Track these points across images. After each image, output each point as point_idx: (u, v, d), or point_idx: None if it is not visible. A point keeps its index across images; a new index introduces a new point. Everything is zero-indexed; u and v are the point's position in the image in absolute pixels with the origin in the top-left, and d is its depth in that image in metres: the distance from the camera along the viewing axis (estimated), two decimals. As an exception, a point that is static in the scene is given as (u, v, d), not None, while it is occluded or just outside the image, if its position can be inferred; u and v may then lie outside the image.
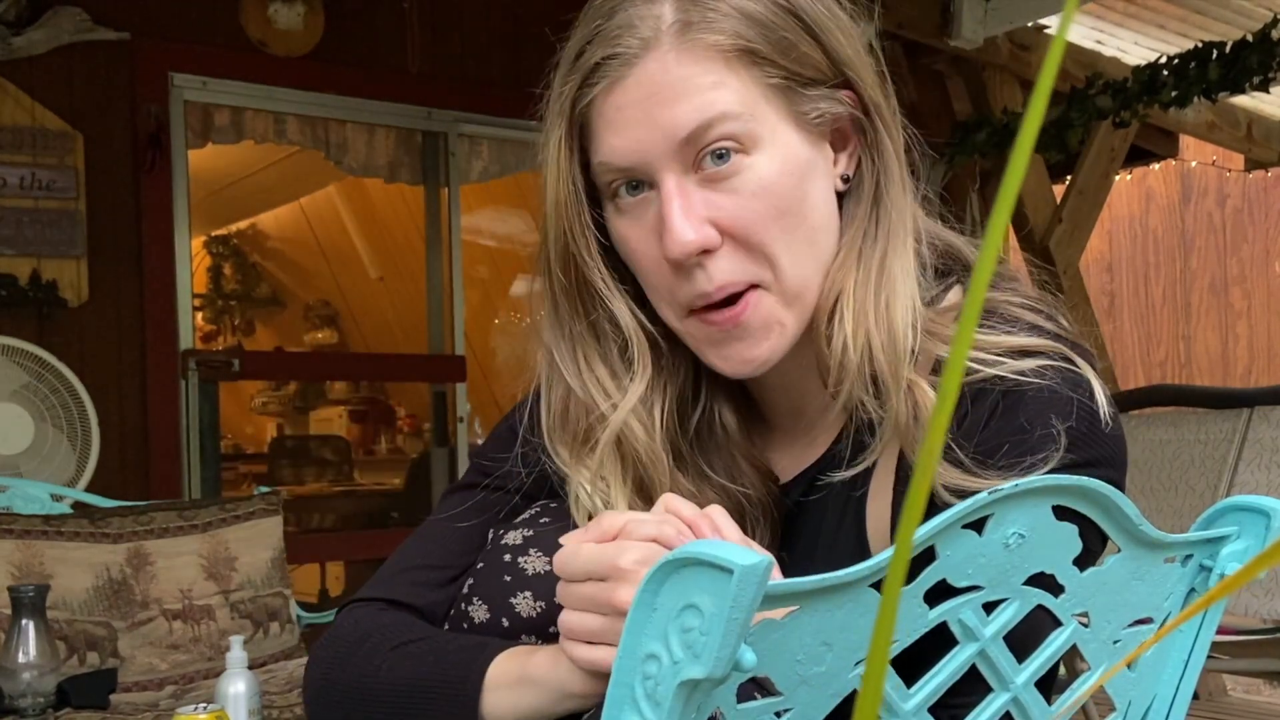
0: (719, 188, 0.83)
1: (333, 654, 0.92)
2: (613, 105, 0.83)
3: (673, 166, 0.82)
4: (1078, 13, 4.21)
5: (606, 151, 0.84)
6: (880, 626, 0.22)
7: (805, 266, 0.85)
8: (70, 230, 3.55)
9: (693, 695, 0.60)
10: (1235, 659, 2.74)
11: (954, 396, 0.25)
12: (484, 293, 5.95)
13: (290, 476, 5.99)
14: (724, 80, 0.82)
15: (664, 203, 0.82)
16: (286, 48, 3.91)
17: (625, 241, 0.87)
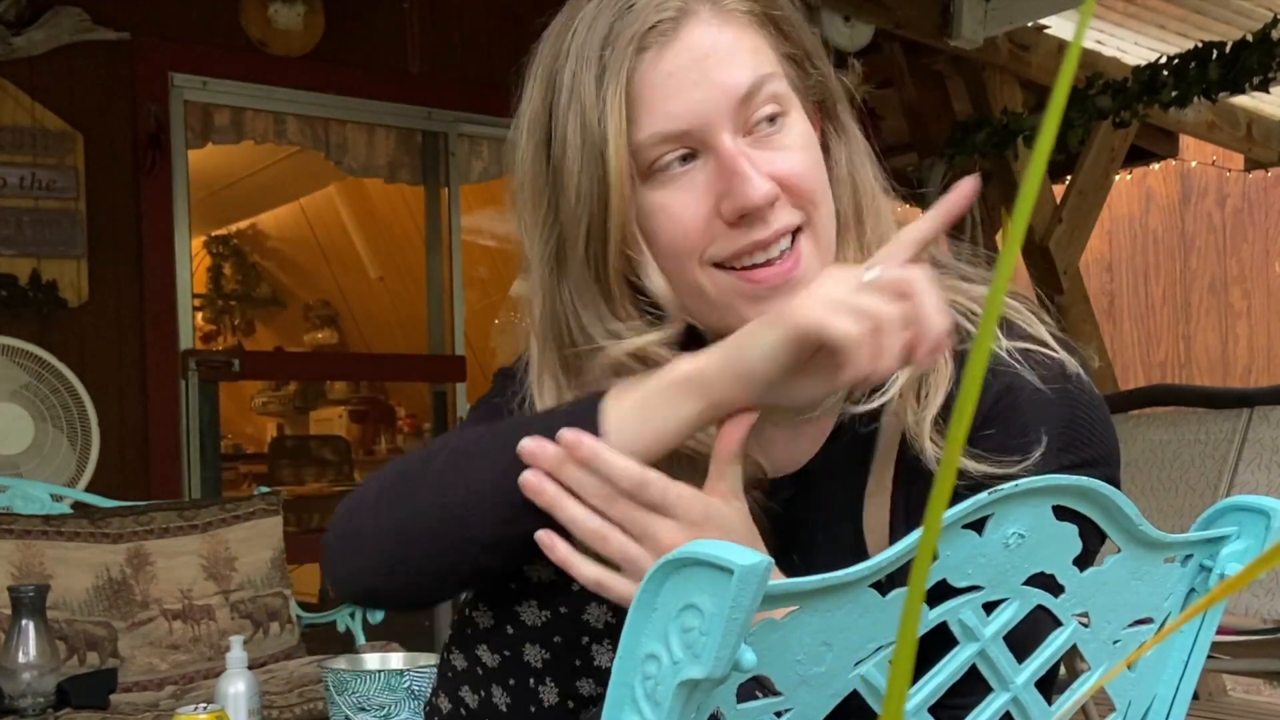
0: (769, 145, 0.86)
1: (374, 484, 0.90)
2: (663, 73, 0.84)
3: (728, 127, 0.84)
4: (1077, 12, 4.21)
5: (661, 119, 0.84)
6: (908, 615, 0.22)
7: (831, 220, 0.90)
8: (70, 230, 3.55)
9: (693, 695, 0.60)
10: (1235, 659, 2.74)
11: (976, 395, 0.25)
12: (484, 293, 5.95)
13: (290, 476, 5.99)
14: (760, 44, 0.87)
15: (730, 158, 0.84)
16: (286, 48, 3.91)
17: (663, 210, 0.86)
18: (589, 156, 0.85)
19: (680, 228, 0.86)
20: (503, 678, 0.91)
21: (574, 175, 0.86)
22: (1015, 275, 0.96)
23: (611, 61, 0.84)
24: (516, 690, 0.92)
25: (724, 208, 0.84)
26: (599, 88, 0.84)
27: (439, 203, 4.43)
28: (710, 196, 0.85)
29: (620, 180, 0.84)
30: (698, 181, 0.85)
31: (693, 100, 0.84)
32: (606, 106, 0.84)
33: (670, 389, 0.80)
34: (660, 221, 0.87)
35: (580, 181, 0.85)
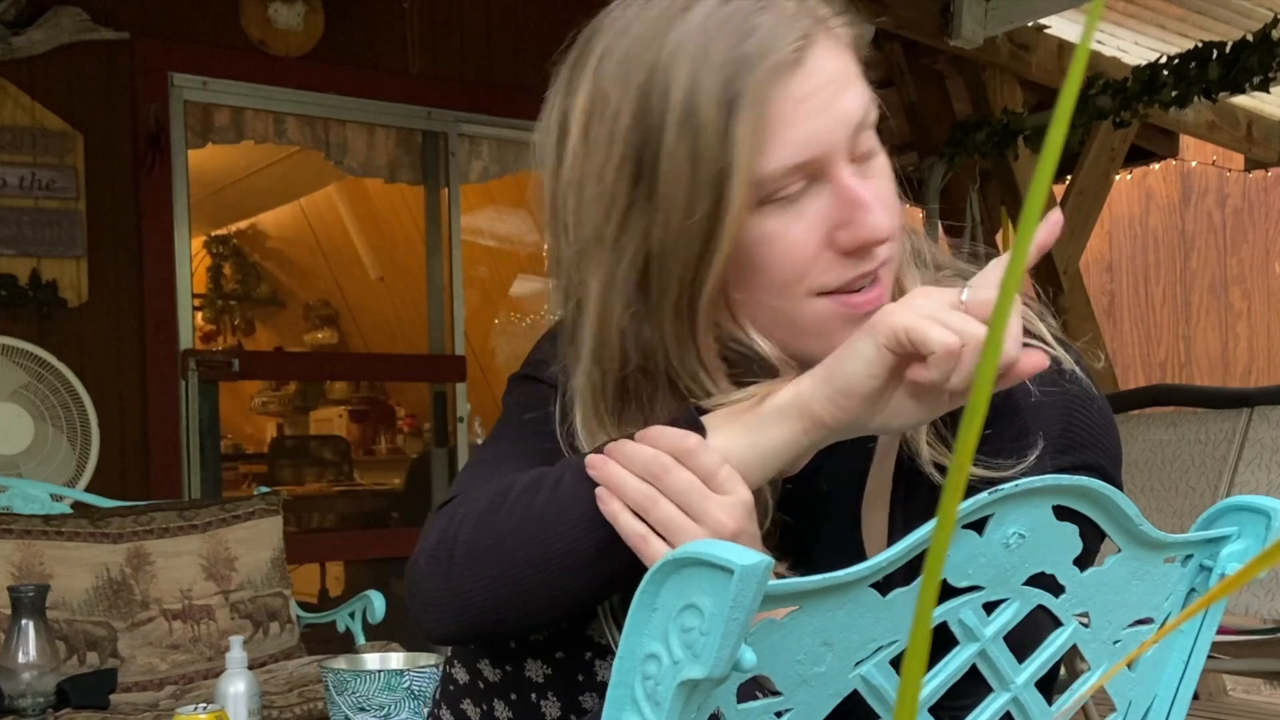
0: (868, 174, 0.85)
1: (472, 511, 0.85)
2: (793, 100, 0.81)
3: (844, 155, 0.83)
4: (1077, 12, 4.21)
5: (790, 148, 0.81)
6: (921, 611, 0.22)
7: None
8: (70, 230, 3.55)
9: (693, 695, 0.60)
10: (1235, 659, 2.74)
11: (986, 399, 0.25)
12: (484, 293, 5.95)
13: (290, 476, 5.99)
14: (859, 71, 0.86)
15: (851, 190, 0.82)
16: (286, 48, 3.91)
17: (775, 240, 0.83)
18: (704, 184, 0.80)
19: (792, 257, 0.83)
20: (504, 692, 0.91)
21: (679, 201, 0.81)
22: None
23: (746, 89, 0.79)
24: (518, 705, 0.91)
25: (841, 238, 0.82)
26: (728, 115, 0.79)
27: (439, 203, 4.43)
28: (823, 225, 0.83)
29: (740, 211, 0.81)
30: (809, 210, 0.83)
31: (818, 128, 0.81)
32: (736, 136, 0.80)
33: (774, 415, 0.79)
34: (770, 251, 0.83)
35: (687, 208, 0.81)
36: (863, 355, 0.75)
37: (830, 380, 0.77)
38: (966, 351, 0.73)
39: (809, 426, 0.78)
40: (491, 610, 0.82)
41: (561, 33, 0.89)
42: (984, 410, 0.24)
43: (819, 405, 0.77)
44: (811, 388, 0.78)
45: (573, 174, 0.85)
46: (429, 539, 0.86)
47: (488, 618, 0.83)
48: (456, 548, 0.83)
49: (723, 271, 0.82)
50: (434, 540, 0.85)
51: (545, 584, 0.81)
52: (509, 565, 0.81)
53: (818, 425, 0.78)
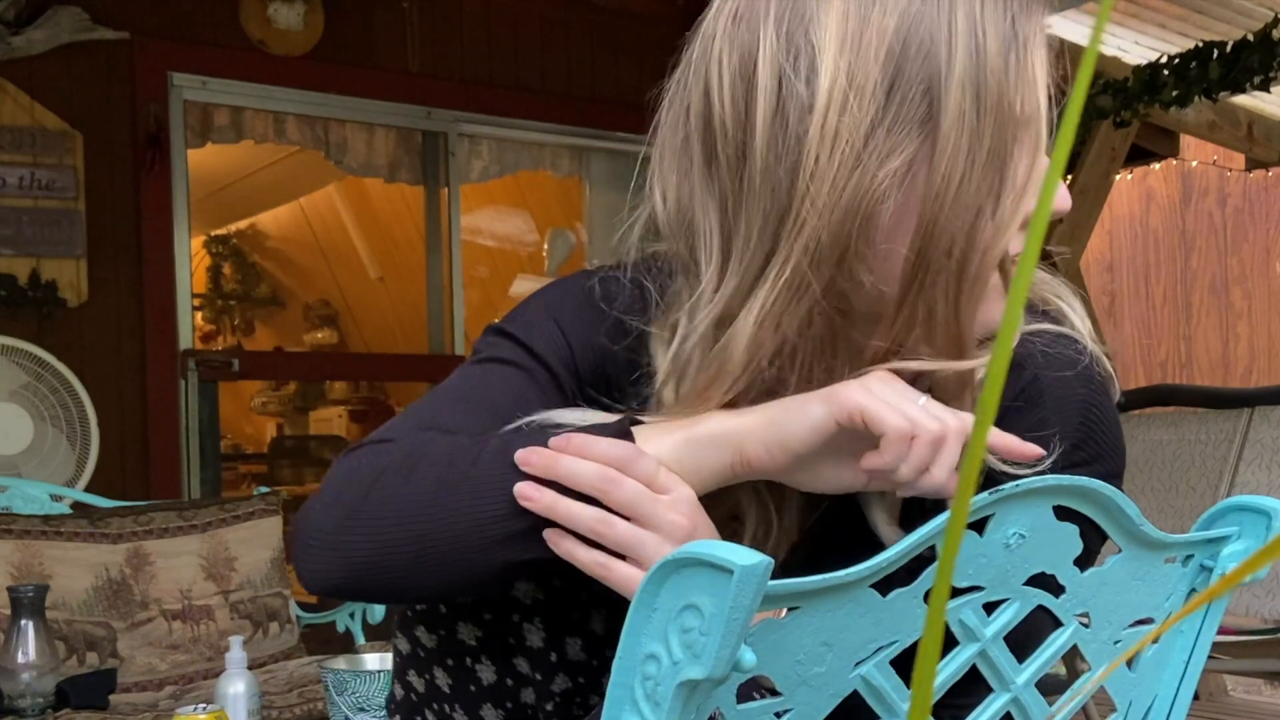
0: None
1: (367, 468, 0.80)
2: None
3: None
4: (1077, 12, 4.21)
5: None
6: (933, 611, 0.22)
7: None
8: (70, 230, 3.55)
9: (693, 695, 0.60)
10: (1236, 659, 2.74)
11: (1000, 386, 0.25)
12: (484, 293, 5.95)
13: (290, 476, 5.99)
14: None
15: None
16: (286, 47, 3.91)
17: None
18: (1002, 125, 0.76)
19: None
20: (441, 659, 0.91)
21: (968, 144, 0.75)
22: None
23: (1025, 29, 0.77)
24: (455, 670, 0.91)
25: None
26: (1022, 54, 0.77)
27: (439, 203, 4.43)
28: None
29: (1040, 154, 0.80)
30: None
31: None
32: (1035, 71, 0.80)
33: (707, 440, 0.77)
34: None
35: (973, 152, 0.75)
36: (810, 418, 0.75)
37: (772, 427, 0.76)
38: (917, 444, 0.73)
39: (737, 462, 0.77)
40: (375, 574, 0.79)
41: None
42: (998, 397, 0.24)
43: (753, 447, 0.77)
44: (751, 427, 0.77)
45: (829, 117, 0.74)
46: (329, 486, 0.81)
47: (369, 581, 0.79)
48: (355, 503, 0.79)
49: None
50: (334, 488, 0.80)
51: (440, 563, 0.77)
52: (403, 535, 0.77)
53: (745, 463, 0.77)
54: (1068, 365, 0.82)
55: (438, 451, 0.79)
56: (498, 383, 0.89)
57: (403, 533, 0.77)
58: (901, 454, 0.73)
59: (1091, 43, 0.24)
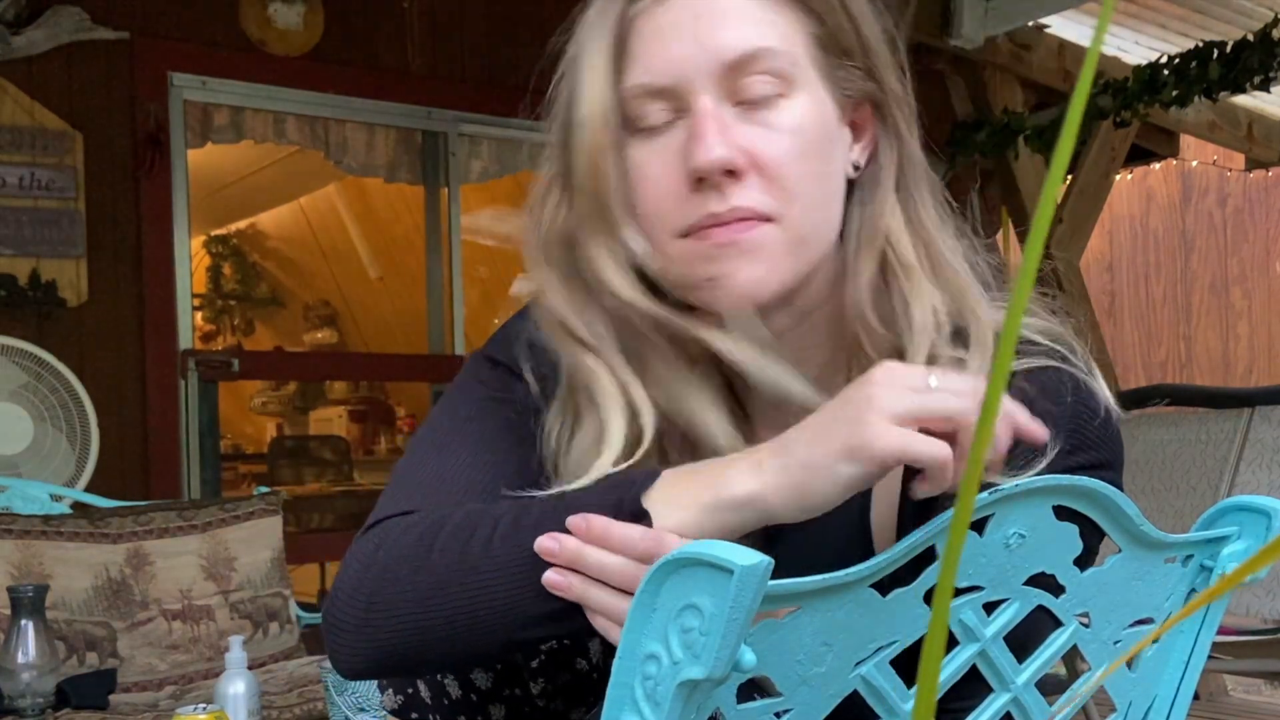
0: (754, 120, 0.83)
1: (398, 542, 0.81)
2: (655, 25, 0.83)
3: (710, 89, 0.82)
4: (1077, 12, 4.21)
5: (642, 71, 0.83)
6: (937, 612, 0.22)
7: (816, 218, 0.85)
8: (70, 230, 3.55)
9: (693, 695, 0.60)
10: (1236, 659, 2.74)
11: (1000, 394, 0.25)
12: (484, 293, 5.95)
13: (290, 476, 5.98)
14: (774, 18, 0.83)
15: (698, 118, 0.82)
16: (286, 47, 3.91)
17: (640, 168, 0.85)
18: (584, 92, 0.84)
19: (653, 190, 0.84)
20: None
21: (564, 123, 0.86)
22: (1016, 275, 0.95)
23: (605, 10, 0.84)
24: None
25: (684, 168, 0.82)
26: (594, 33, 0.84)
27: (439, 203, 4.43)
28: (680, 158, 0.83)
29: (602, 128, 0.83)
30: (674, 143, 0.83)
31: (678, 56, 0.82)
32: (595, 52, 0.84)
33: (729, 507, 0.74)
34: (638, 181, 0.85)
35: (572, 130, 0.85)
36: (841, 480, 0.71)
37: (798, 492, 0.72)
38: (957, 453, 0.71)
39: (762, 518, 0.75)
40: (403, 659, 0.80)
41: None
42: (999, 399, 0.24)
43: (778, 508, 0.74)
44: (776, 489, 0.73)
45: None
46: (349, 574, 0.82)
47: (400, 665, 0.82)
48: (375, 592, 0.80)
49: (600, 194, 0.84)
50: (353, 578, 0.82)
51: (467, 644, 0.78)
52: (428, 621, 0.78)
53: (771, 518, 0.75)
54: (1055, 379, 0.82)
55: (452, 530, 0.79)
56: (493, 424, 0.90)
57: (427, 619, 0.78)
58: (948, 476, 0.71)
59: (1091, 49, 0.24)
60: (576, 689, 0.94)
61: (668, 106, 0.84)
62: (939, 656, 0.23)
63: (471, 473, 0.87)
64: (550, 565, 0.74)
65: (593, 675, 0.93)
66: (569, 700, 0.94)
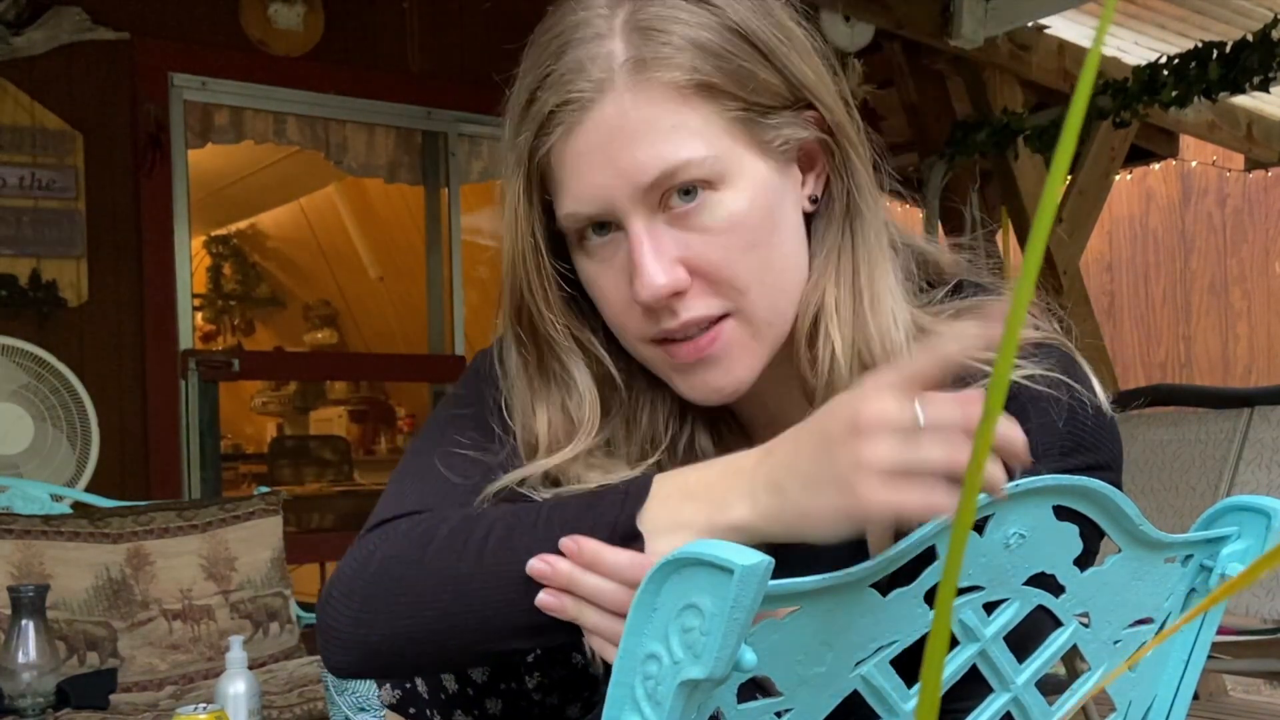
0: (687, 225, 0.81)
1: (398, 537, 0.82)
2: (572, 152, 0.81)
3: (639, 209, 0.81)
4: (1077, 12, 4.21)
5: (571, 200, 0.83)
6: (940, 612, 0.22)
7: (776, 296, 0.85)
8: (70, 230, 3.55)
9: (693, 695, 0.60)
10: (1236, 659, 2.74)
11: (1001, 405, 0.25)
12: (484, 293, 5.95)
13: (290, 476, 5.98)
14: (684, 120, 0.80)
15: (633, 247, 0.81)
16: (286, 48, 3.91)
17: (594, 282, 0.86)
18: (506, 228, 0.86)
19: (608, 304, 0.86)
20: None
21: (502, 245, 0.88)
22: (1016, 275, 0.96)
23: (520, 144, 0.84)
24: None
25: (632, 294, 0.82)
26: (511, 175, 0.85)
27: (439, 203, 4.43)
28: (626, 276, 0.83)
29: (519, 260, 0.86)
30: (617, 259, 0.84)
31: (598, 184, 0.81)
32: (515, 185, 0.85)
33: (726, 533, 0.72)
34: (595, 292, 0.87)
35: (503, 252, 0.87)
36: (837, 529, 0.69)
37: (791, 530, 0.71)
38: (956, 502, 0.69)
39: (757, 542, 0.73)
40: (396, 657, 0.81)
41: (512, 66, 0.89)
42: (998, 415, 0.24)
43: (777, 538, 0.72)
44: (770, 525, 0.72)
45: None
46: (344, 574, 0.83)
47: (392, 662, 0.82)
48: (369, 592, 0.80)
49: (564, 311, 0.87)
50: (348, 578, 0.82)
51: (454, 652, 0.79)
52: (421, 628, 0.79)
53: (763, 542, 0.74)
54: (1049, 371, 0.82)
55: (446, 537, 0.80)
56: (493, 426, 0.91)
57: (417, 625, 0.79)
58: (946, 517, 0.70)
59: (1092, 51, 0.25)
60: (573, 683, 0.94)
61: (605, 225, 0.83)
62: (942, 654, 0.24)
63: (470, 475, 0.88)
64: None
65: (589, 670, 0.93)
66: (565, 694, 0.95)
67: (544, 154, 0.83)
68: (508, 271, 0.87)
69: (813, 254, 0.87)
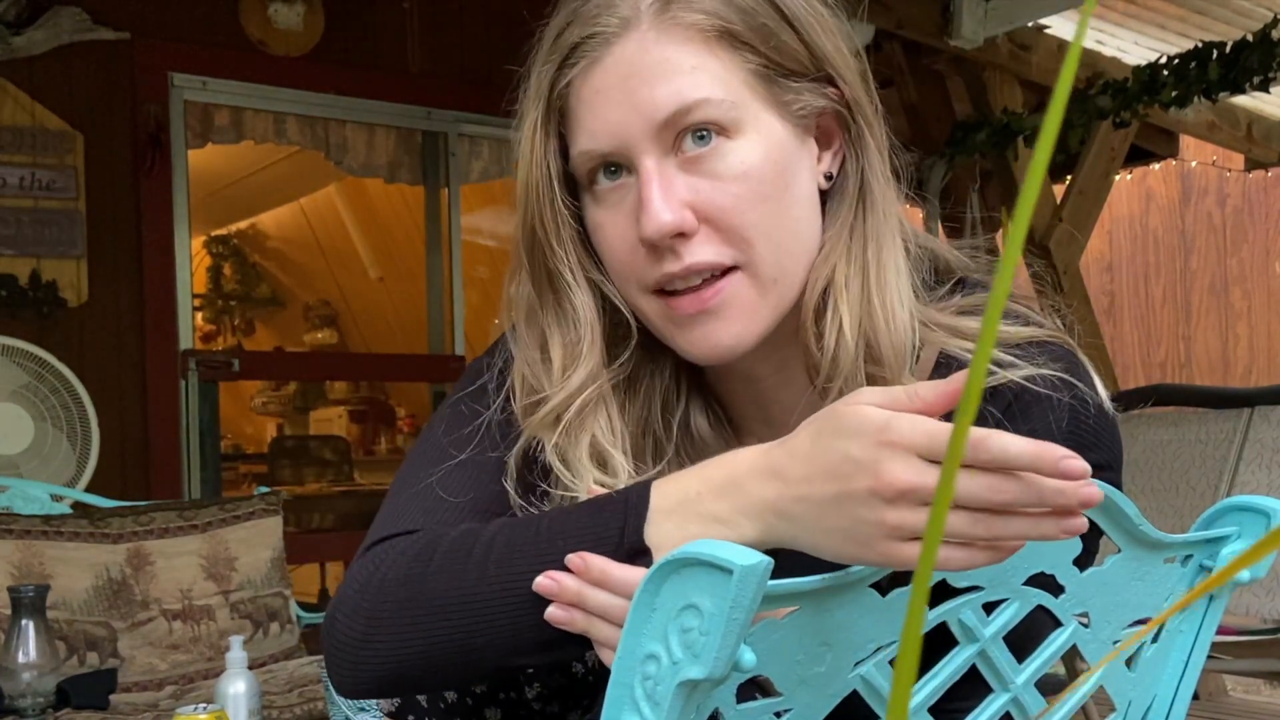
0: (699, 170, 0.82)
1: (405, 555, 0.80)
2: (591, 88, 0.83)
3: (651, 149, 0.82)
4: (1077, 12, 4.21)
5: (586, 137, 0.83)
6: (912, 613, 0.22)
7: (784, 255, 0.84)
8: (70, 230, 3.55)
9: (692, 695, 0.60)
10: (1236, 659, 2.74)
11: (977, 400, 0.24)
12: (484, 293, 5.95)
13: (290, 476, 5.98)
14: (704, 63, 0.81)
15: (643, 184, 0.82)
16: (286, 48, 3.91)
17: (600, 229, 0.86)
18: (521, 161, 0.87)
19: (612, 250, 0.85)
20: None
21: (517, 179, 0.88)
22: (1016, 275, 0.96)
23: (542, 75, 0.85)
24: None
25: (638, 234, 0.82)
26: (533, 102, 0.86)
27: (439, 203, 4.43)
28: (634, 218, 0.83)
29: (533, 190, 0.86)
30: (625, 203, 0.84)
31: (612, 121, 0.82)
32: (533, 119, 0.85)
33: None
34: (600, 238, 0.87)
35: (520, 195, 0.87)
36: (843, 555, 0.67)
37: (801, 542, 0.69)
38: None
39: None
40: (406, 676, 0.80)
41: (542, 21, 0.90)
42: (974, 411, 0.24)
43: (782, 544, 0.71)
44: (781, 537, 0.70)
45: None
46: (347, 596, 0.82)
47: (402, 682, 0.81)
48: (374, 613, 0.80)
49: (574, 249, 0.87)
50: (352, 600, 0.81)
51: (464, 669, 0.79)
52: (428, 647, 0.78)
53: None
54: (1050, 370, 0.82)
55: (448, 554, 0.79)
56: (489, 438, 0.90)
57: (425, 645, 0.78)
58: None
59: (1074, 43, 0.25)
60: (572, 692, 0.94)
61: (617, 168, 0.84)
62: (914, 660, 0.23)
63: (468, 489, 0.87)
64: None
65: (588, 678, 0.93)
66: (565, 703, 0.94)
67: (564, 88, 0.84)
68: (521, 203, 0.87)
69: (824, 230, 0.88)
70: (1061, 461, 0.60)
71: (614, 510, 0.75)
